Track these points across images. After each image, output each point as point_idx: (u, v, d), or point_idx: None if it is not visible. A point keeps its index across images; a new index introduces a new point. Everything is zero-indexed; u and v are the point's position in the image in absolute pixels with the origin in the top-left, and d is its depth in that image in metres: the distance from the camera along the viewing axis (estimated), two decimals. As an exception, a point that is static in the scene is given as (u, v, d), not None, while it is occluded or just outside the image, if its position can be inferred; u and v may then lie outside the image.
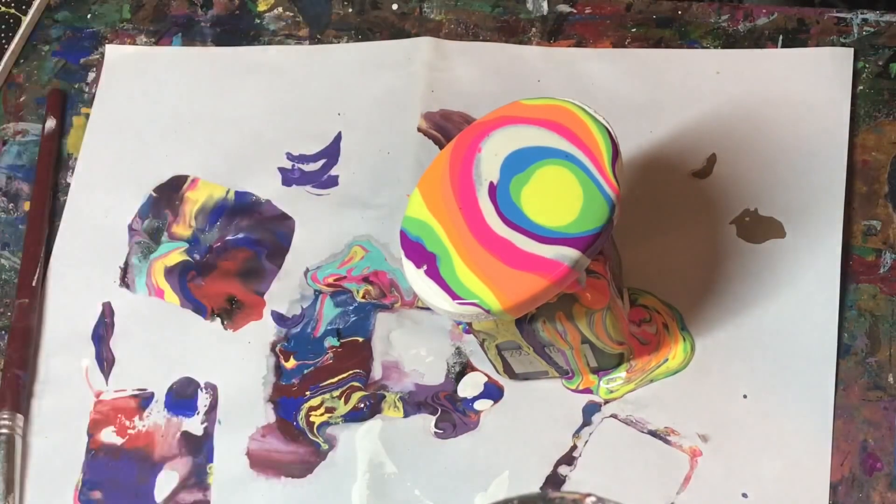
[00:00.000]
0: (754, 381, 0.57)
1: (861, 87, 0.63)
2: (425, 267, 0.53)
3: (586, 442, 0.58)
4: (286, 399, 0.61)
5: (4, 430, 0.62)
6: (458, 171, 0.54)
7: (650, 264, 0.61)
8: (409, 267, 0.53)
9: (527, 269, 0.51)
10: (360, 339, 0.62)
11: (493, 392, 0.60)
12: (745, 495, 0.55)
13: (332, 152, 0.67)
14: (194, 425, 0.62)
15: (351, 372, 0.61)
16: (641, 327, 0.59)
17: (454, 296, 0.52)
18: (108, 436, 0.62)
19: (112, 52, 0.72)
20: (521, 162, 0.54)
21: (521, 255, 0.52)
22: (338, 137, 0.67)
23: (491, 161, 0.54)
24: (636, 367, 0.58)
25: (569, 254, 0.51)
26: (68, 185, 0.69)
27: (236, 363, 0.63)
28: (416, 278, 0.53)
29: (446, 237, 0.53)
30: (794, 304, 0.58)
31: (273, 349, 0.63)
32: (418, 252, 0.53)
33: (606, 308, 0.55)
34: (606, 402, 0.58)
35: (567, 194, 0.52)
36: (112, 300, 0.66)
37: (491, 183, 0.53)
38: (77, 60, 0.73)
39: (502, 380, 0.60)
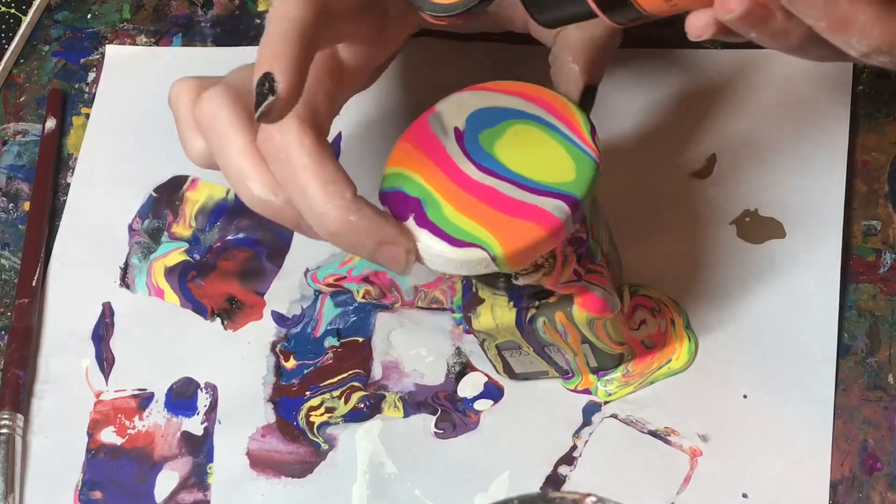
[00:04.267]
0: (754, 381, 0.57)
1: (861, 87, 0.63)
2: (412, 215, 0.50)
3: (586, 442, 0.58)
4: (286, 399, 0.61)
5: (4, 430, 0.62)
6: (418, 134, 0.52)
7: (650, 264, 0.61)
8: None
9: (520, 216, 0.49)
10: (360, 340, 0.62)
11: (493, 392, 0.60)
12: (745, 495, 0.55)
13: (332, 152, 0.67)
14: (194, 425, 0.62)
15: (351, 372, 0.62)
16: (656, 318, 0.59)
17: (452, 241, 0.49)
18: (108, 436, 0.62)
19: (112, 52, 0.72)
20: (489, 118, 0.52)
21: (509, 201, 0.49)
22: (338, 137, 0.67)
23: (452, 112, 0.52)
24: (634, 372, 0.58)
25: (561, 207, 0.49)
26: (68, 185, 0.69)
27: (236, 363, 0.63)
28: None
29: (426, 182, 0.50)
30: (794, 304, 0.58)
31: (273, 349, 0.63)
32: (399, 202, 0.50)
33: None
34: (606, 402, 0.58)
35: (546, 152, 0.51)
36: (112, 300, 0.66)
37: (456, 128, 0.51)
38: (77, 60, 0.73)
39: (502, 380, 0.60)
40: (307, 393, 0.61)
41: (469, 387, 0.60)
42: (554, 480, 0.57)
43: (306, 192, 0.49)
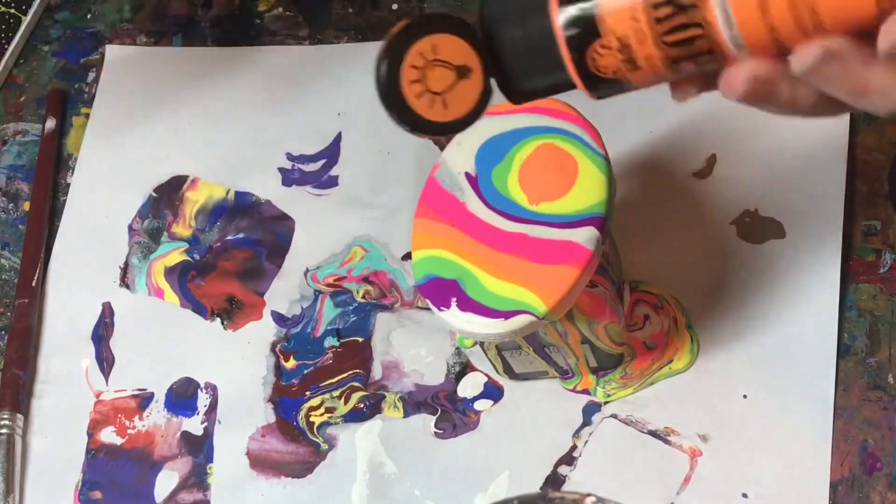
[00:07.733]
0: (754, 381, 0.57)
1: (861, 88, 0.63)
2: (454, 300, 0.49)
3: (586, 442, 0.58)
4: (286, 399, 0.61)
5: (4, 430, 0.62)
6: (432, 202, 0.52)
7: (650, 265, 0.61)
8: (440, 314, 0.49)
9: (554, 261, 0.49)
10: (360, 339, 0.62)
11: (493, 392, 0.60)
12: (745, 495, 0.55)
13: (331, 152, 0.67)
14: (194, 425, 0.62)
15: (351, 372, 0.61)
16: (659, 314, 0.59)
17: (497, 314, 0.49)
18: (108, 436, 0.62)
19: (112, 52, 0.72)
20: (495, 151, 0.51)
21: (540, 245, 0.49)
22: (338, 137, 0.67)
23: (457, 158, 0.51)
24: (633, 374, 0.58)
25: (590, 234, 0.49)
26: (68, 185, 0.69)
27: (236, 363, 0.63)
28: (452, 319, 0.49)
29: (457, 257, 0.50)
30: (794, 304, 0.58)
31: (273, 349, 0.63)
32: (437, 291, 0.49)
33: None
34: (606, 402, 0.58)
35: (559, 170, 0.51)
36: (112, 300, 0.66)
37: (468, 174, 0.51)
38: (77, 60, 0.73)
39: (502, 380, 0.60)
40: (307, 393, 0.61)
41: (469, 387, 0.60)
42: (554, 480, 0.57)
43: None
